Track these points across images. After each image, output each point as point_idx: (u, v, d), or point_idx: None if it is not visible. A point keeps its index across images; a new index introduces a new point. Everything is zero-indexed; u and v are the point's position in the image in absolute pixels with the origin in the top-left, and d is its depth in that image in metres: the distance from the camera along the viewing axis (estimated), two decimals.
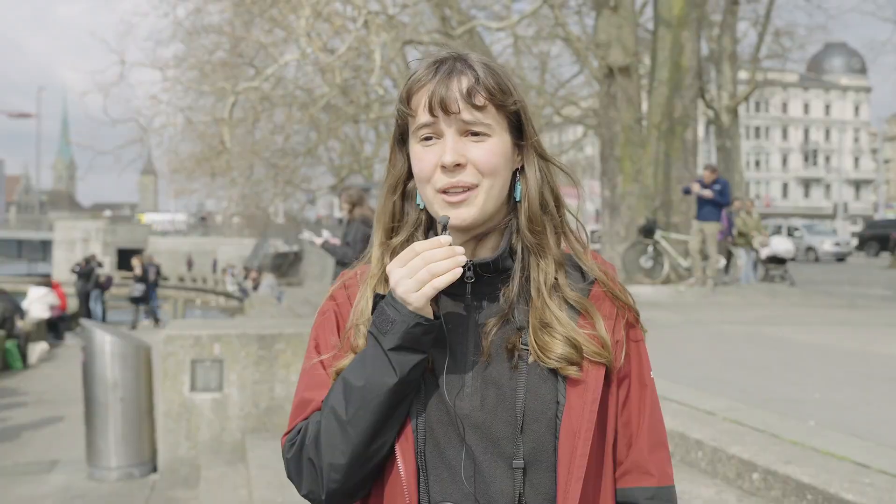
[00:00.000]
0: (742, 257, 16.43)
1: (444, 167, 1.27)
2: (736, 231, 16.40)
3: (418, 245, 1.22)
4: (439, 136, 1.29)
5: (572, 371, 1.26)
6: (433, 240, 1.23)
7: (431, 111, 1.27)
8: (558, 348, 1.26)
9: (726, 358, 7.59)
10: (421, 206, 1.36)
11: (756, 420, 4.73)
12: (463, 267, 1.25)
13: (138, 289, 22.89)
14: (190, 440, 6.91)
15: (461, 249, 1.22)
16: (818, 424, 4.66)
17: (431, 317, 1.24)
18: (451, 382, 1.28)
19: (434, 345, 1.27)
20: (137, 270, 23.04)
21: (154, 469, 7.25)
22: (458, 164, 1.27)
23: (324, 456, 1.27)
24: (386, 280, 1.31)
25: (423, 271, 1.20)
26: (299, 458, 1.32)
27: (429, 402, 1.27)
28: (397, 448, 1.27)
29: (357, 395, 1.24)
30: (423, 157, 1.30)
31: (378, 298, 1.28)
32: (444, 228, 1.26)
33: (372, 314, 1.28)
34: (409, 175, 1.37)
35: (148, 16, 66.00)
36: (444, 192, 1.28)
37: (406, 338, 1.22)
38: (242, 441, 6.82)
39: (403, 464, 1.26)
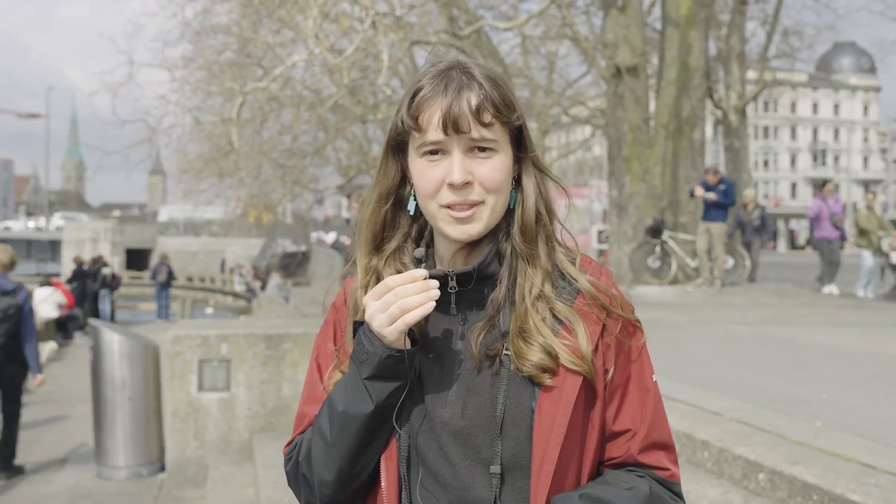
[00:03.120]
0: (867, 260, 14.14)
1: (451, 185, 1.28)
2: (856, 229, 14.61)
3: (391, 280, 1.25)
4: (445, 151, 1.29)
5: (545, 378, 1.26)
6: (407, 274, 1.25)
7: (444, 130, 1.27)
8: (534, 356, 1.27)
9: (733, 358, 7.58)
10: (412, 213, 1.37)
11: (762, 420, 4.73)
12: (447, 276, 1.29)
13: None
14: (197, 440, 6.94)
15: (435, 283, 1.25)
16: (824, 425, 4.66)
17: (405, 347, 1.26)
18: (434, 391, 1.30)
19: (420, 350, 1.30)
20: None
21: (162, 468, 7.28)
22: (466, 183, 1.28)
23: (314, 472, 1.33)
24: None
25: (394, 307, 1.23)
26: (296, 472, 1.39)
27: (412, 412, 1.30)
28: (381, 459, 1.31)
29: (339, 420, 1.29)
30: (428, 173, 1.30)
31: (357, 325, 1.31)
32: (419, 262, 1.30)
33: (353, 338, 1.32)
34: (402, 184, 1.38)
35: (156, 16, 66.19)
36: (450, 206, 1.29)
37: (380, 368, 1.26)
38: (250, 440, 6.85)
39: (386, 474, 1.30)
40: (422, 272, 1.25)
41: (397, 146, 1.37)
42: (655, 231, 14.31)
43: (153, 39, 65.38)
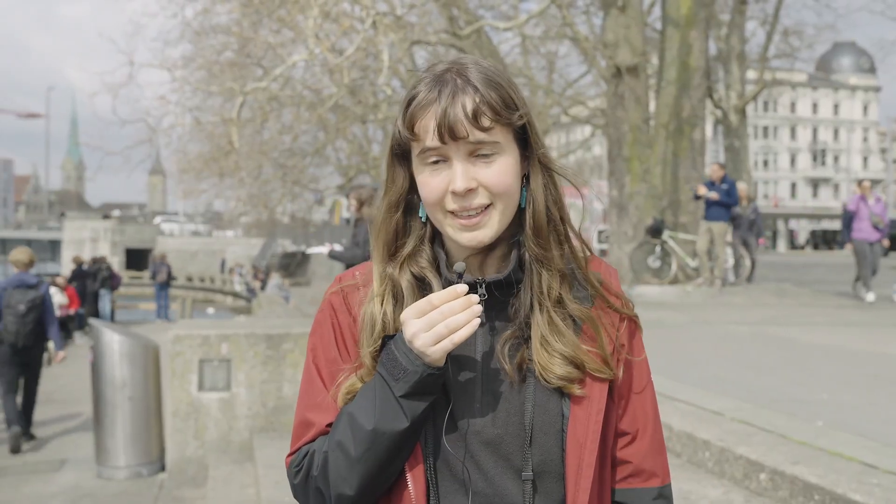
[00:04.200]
0: None
1: (454, 193, 1.23)
2: None
3: (435, 297, 1.20)
4: (446, 159, 1.24)
5: (575, 389, 1.26)
6: (450, 290, 1.20)
7: (441, 138, 1.22)
8: (558, 368, 1.25)
9: (733, 358, 7.58)
10: (424, 219, 1.33)
11: (763, 420, 4.73)
12: (476, 284, 1.25)
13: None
14: (198, 439, 6.93)
15: (476, 297, 1.21)
16: (825, 425, 4.65)
17: (446, 365, 1.23)
18: (462, 400, 1.28)
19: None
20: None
21: (162, 468, 7.28)
22: (470, 189, 1.24)
23: (332, 487, 1.27)
24: (394, 297, 1.30)
25: (440, 325, 1.19)
26: (306, 486, 1.32)
27: (438, 419, 1.26)
28: (407, 468, 1.27)
29: (367, 437, 1.23)
30: (431, 182, 1.25)
31: (387, 339, 1.27)
32: (460, 276, 1.24)
33: (380, 354, 1.27)
34: (411, 189, 1.33)
35: (156, 16, 66.15)
36: (456, 214, 1.25)
37: (418, 387, 1.22)
38: (250, 440, 6.84)
39: (413, 483, 1.26)
40: (464, 287, 1.20)
41: (401, 153, 1.32)
42: (656, 231, 14.30)
43: (153, 39, 65.64)
